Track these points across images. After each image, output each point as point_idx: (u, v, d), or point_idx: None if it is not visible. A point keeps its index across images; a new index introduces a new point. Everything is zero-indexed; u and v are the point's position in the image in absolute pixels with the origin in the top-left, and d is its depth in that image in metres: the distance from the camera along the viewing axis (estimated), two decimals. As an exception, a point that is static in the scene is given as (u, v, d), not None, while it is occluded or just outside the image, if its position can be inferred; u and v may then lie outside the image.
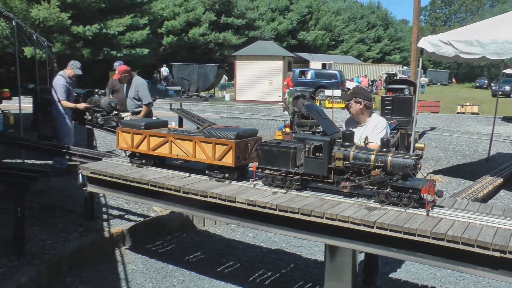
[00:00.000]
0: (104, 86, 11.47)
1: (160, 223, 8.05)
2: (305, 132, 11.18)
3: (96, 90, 10.60)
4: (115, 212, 8.41)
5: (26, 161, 10.76)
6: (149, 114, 9.74)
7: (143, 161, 6.53)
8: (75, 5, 31.98)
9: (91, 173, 6.57)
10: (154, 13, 40.84)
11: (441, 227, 4.11)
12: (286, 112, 23.55)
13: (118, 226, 7.60)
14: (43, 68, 19.59)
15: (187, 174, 6.05)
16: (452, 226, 4.13)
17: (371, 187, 4.68)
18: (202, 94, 36.76)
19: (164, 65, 48.80)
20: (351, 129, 5.37)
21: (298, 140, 5.17)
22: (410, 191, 4.52)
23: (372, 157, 4.61)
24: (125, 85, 9.83)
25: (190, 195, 5.37)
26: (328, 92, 27.32)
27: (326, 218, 4.46)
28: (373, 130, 5.93)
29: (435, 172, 12.27)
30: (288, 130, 14.43)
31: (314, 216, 4.52)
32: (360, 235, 4.41)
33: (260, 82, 34.29)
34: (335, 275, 4.86)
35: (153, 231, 7.90)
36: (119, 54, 33.92)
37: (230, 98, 37.03)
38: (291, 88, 27.21)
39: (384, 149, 4.69)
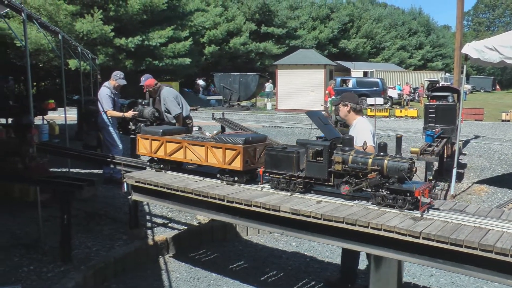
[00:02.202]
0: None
1: (204, 231, 8.10)
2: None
3: (140, 101, 10.71)
4: (159, 220, 8.50)
5: (71, 170, 10.95)
6: (186, 123, 9.76)
7: (161, 166, 6.85)
8: (118, 18, 32.50)
9: (136, 181, 6.68)
10: (195, 25, 41.20)
11: (489, 238, 4.03)
12: (328, 121, 23.42)
13: (162, 234, 7.68)
14: (87, 80, 19.95)
15: (201, 178, 6.40)
16: (500, 238, 4.04)
17: (368, 189, 4.87)
18: (244, 103, 36.91)
19: (197, 78, 49.13)
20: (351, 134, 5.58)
21: (300, 145, 5.41)
22: (406, 193, 4.69)
23: (370, 160, 4.82)
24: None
25: (234, 204, 5.39)
26: (370, 100, 27.13)
27: (371, 227, 4.43)
28: (352, 131, 6.35)
29: (480, 182, 12.05)
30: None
31: (359, 225, 4.49)
32: (405, 245, 4.37)
33: (301, 91, 34.28)
34: (380, 286, 4.81)
35: (196, 239, 7.96)
36: (161, 64, 34.30)
37: (272, 107, 37.09)
38: (333, 97, 27.10)
39: (382, 153, 4.88)
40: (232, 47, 54.28)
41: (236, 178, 5.98)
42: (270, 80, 42.84)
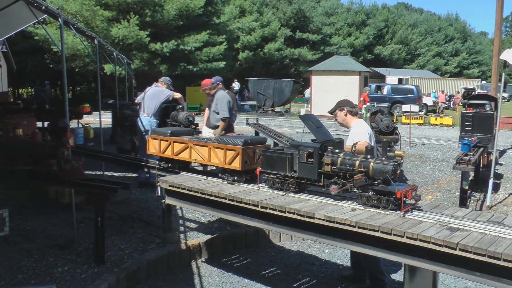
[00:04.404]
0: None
1: (237, 237, 8.08)
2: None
3: (173, 104, 10.78)
4: (192, 225, 8.52)
5: (105, 173, 11.07)
6: (229, 129, 9.81)
7: (169, 165, 7.37)
8: (154, 23, 32.78)
9: (169, 186, 6.71)
10: (231, 31, 41.37)
11: (530, 252, 3.93)
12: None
13: (194, 239, 7.69)
14: (122, 84, 20.20)
15: (204, 177, 6.90)
16: (542, 252, 3.94)
17: (356, 190, 5.14)
18: (278, 109, 36.89)
19: (235, 80, 49.26)
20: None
21: (293, 147, 5.75)
22: (389, 194, 4.92)
23: (357, 162, 5.08)
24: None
25: (268, 210, 5.38)
26: (405, 107, 26.83)
27: (407, 237, 4.37)
28: (350, 133, 6.65)
29: (517, 194, 11.80)
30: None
31: (394, 234, 4.44)
32: (441, 256, 4.30)
33: (336, 97, 33.90)
34: (414, 297, 4.74)
35: (229, 244, 7.95)
36: (195, 69, 34.47)
37: (306, 113, 36.98)
38: (368, 104, 26.88)
39: (368, 156, 5.14)
40: (266, 53, 54.37)
41: (236, 178, 6.36)
42: (310, 86, 42.99)
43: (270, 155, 5.88)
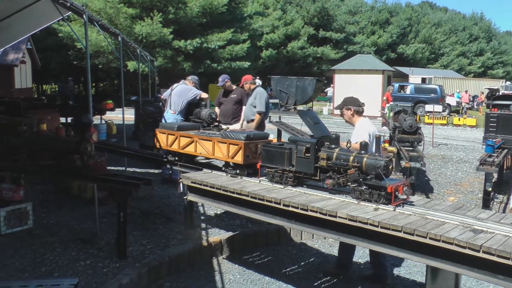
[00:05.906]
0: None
1: (258, 234, 8.08)
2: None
3: (197, 102, 10.81)
4: (213, 222, 8.53)
5: (127, 168, 11.13)
6: (261, 126, 9.90)
7: (176, 158, 7.72)
8: (177, 21, 32.88)
9: (192, 182, 6.74)
10: (254, 29, 41.34)
11: (556, 256, 3.88)
12: (385, 127, 23.03)
13: (216, 236, 7.70)
14: (145, 81, 20.31)
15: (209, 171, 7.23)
16: None
17: (350, 184, 5.35)
18: (300, 107, 36.79)
19: (258, 77, 49.16)
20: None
21: (292, 142, 5.99)
22: (381, 189, 5.10)
23: (351, 158, 5.31)
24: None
25: (290, 208, 5.38)
26: (428, 107, 26.60)
27: (430, 238, 4.34)
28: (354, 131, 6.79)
29: (543, 196, 11.63)
30: (387, 145, 14.08)
31: (417, 235, 4.41)
32: (464, 258, 4.26)
33: (359, 96, 33.58)
34: (436, 298, 4.71)
35: (250, 242, 7.95)
36: (219, 67, 34.51)
37: (328, 112, 36.84)
38: (391, 103, 26.66)
39: (362, 152, 5.36)
40: (289, 51, 54.23)
41: (238, 171, 6.69)
42: (332, 85, 42.84)
43: (270, 150, 6.13)
